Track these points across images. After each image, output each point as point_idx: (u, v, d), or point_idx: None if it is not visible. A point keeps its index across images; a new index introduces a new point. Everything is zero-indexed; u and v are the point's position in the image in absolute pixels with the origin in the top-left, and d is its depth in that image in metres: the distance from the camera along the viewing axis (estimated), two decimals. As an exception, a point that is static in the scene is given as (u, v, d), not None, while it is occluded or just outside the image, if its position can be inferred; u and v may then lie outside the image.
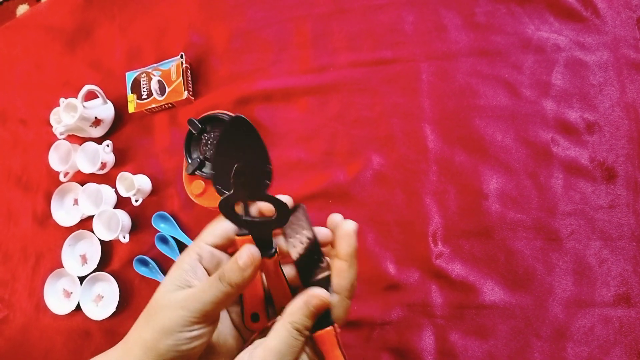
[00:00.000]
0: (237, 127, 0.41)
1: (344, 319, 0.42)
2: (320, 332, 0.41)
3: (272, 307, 0.45)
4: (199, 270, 0.41)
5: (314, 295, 0.39)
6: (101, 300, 0.87)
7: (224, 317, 0.45)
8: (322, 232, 0.43)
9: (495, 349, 0.66)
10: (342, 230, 0.42)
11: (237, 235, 0.42)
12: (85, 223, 0.90)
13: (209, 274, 0.42)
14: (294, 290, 0.44)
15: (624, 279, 0.64)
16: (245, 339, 0.46)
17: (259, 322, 0.44)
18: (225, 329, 0.44)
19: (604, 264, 0.65)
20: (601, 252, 0.65)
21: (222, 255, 0.43)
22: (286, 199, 0.41)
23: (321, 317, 0.41)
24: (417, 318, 0.69)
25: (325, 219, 0.77)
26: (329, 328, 0.41)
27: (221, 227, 0.43)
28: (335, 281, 0.41)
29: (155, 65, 0.89)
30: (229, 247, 0.44)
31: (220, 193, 0.42)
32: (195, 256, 0.41)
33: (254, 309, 0.44)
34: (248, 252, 0.40)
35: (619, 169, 0.67)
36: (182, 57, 0.87)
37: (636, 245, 0.64)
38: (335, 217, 0.43)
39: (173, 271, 0.41)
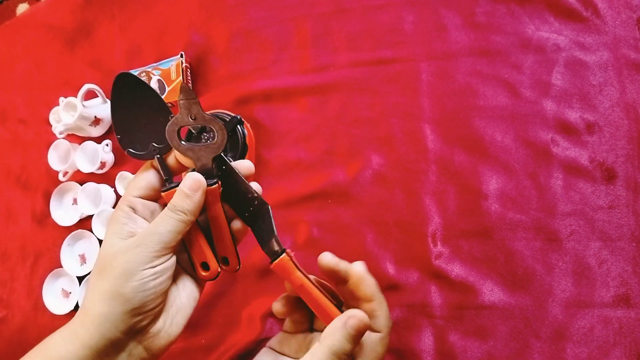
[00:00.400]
0: (123, 85, 0.43)
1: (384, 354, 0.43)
2: (276, 262, 0.42)
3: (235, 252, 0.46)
4: (138, 220, 0.41)
5: (352, 315, 0.38)
6: (100, 299, 0.87)
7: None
8: (243, 165, 0.44)
9: (494, 350, 0.65)
10: (355, 275, 0.43)
11: (163, 191, 0.43)
12: (85, 223, 0.90)
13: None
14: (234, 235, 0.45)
15: (624, 279, 0.64)
16: (200, 282, 0.46)
17: (209, 271, 0.44)
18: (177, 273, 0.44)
19: (603, 264, 0.65)
20: (601, 253, 0.65)
21: (153, 204, 0.43)
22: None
23: (271, 248, 0.42)
24: (416, 318, 0.69)
25: (325, 218, 0.78)
26: (283, 256, 0.42)
27: (145, 179, 0.43)
28: (375, 322, 0.42)
29: (155, 64, 0.89)
30: (157, 199, 0.44)
31: (134, 155, 0.43)
32: (128, 209, 0.41)
33: (201, 259, 0.44)
34: (191, 177, 0.41)
35: (618, 170, 0.67)
36: (182, 56, 0.87)
37: (636, 246, 0.64)
38: (331, 260, 0.44)
39: (112, 227, 0.41)
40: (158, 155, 0.43)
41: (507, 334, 0.66)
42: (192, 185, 0.40)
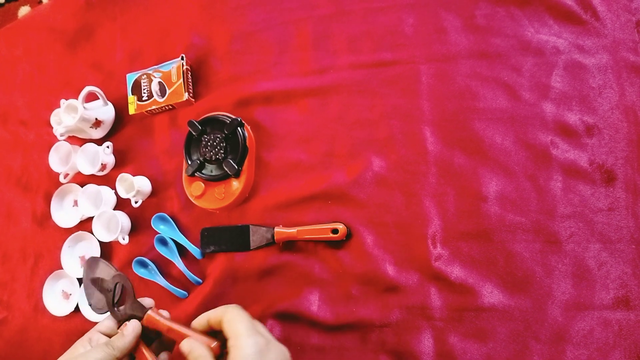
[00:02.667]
0: (91, 264, 0.61)
1: None
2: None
3: None
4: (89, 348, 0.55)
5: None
6: (100, 301, 0.87)
7: None
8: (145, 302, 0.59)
9: (494, 352, 0.65)
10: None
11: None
12: (85, 224, 0.90)
13: None
14: None
15: (623, 281, 0.64)
16: None
17: None
18: None
19: (603, 266, 0.65)
20: (600, 255, 0.65)
21: (104, 338, 0.57)
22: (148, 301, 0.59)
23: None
24: (416, 320, 0.69)
25: (324, 220, 0.79)
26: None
27: (104, 325, 0.58)
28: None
29: (155, 66, 0.89)
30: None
31: (94, 310, 0.60)
32: (87, 340, 0.55)
33: None
34: (130, 324, 0.55)
35: (618, 172, 0.67)
36: (182, 58, 0.87)
37: (635, 248, 0.64)
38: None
39: (71, 351, 0.54)
40: (110, 310, 0.59)
41: (507, 336, 0.66)
42: (127, 329, 0.55)
